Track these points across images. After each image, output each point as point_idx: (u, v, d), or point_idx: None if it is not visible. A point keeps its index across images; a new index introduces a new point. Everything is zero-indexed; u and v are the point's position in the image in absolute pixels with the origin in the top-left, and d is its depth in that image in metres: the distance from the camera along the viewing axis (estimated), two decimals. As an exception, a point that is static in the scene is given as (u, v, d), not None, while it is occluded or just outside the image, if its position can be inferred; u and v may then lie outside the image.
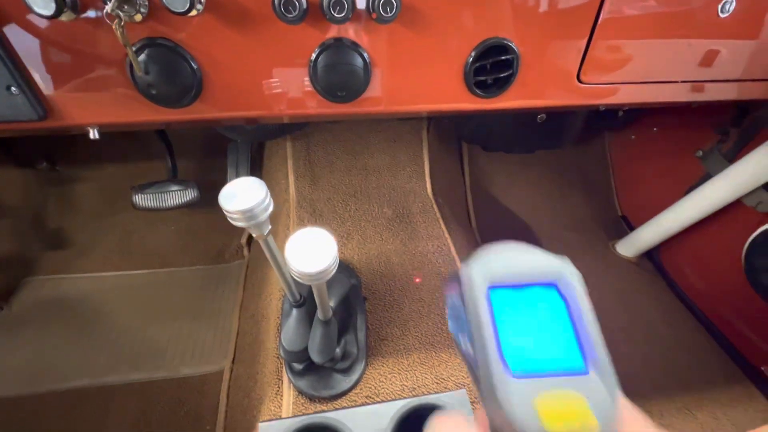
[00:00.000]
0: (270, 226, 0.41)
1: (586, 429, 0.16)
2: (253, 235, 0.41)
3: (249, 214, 0.37)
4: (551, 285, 0.19)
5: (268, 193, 0.38)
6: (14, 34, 0.43)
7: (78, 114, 0.50)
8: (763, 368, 0.91)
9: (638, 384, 0.88)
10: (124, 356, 0.82)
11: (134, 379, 0.78)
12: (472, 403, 0.53)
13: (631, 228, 1.21)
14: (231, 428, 0.72)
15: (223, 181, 1.00)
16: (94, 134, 0.53)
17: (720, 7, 0.56)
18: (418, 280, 0.76)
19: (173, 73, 0.48)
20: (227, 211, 0.37)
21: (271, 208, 0.39)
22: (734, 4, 0.56)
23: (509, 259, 0.19)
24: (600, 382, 0.17)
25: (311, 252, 0.34)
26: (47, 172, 0.96)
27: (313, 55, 0.50)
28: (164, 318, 0.88)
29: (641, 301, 1.05)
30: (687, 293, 1.08)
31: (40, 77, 0.46)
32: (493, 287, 0.19)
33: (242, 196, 0.37)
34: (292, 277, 0.40)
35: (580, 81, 0.60)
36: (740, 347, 0.95)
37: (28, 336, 0.83)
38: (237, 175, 0.95)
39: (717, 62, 0.64)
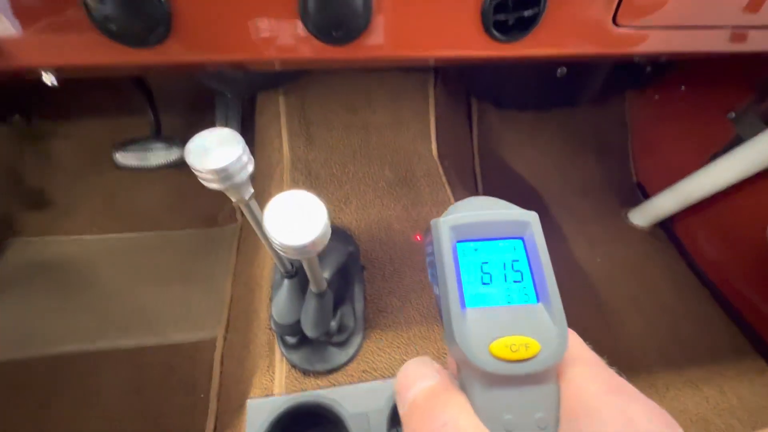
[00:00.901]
0: (252, 190, 0.35)
1: (530, 351, 0.18)
2: (232, 200, 0.35)
3: (224, 174, 0.31)
4: (517, 238, 0.21)
5: (246, 149, 0.32)
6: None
7: (27, 54, 0.42)
8: (773, 342, 0.89)
9: (645, 355, 0.86)
10: (113, 321, 0.79)
11: (124, 345, 0.76)
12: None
13: (646, 196, 1.15)
14: (225, 397, 0.70)
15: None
16: (51, 80, 0.46)
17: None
18: (418, 237, 0.71)
19: (134, 3, 0.40)
20: (197, 170, 0.31)
21: (251, 168, 0.33)
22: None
23: (477, 216, 0.20)
24: (546, 312, 0.19)
25: (297, 221, 0.28)
26: (21, 126, 0.88)
27: (304, -16, 0.41)
28: (154, 282, 0.85)
29: (652, 271, 1.01)
30: (701, 265, 1.03)
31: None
32: (460, 241, 0.20)
33: (215, 151, 0.31)
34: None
35: (616, 24, 0.51)
36: (752, 321, 0.92)
37: (13, 299, 0.80)
38: (226, 133, 0.88)
39: (766, 6, 0.55)
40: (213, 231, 0.94)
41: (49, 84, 0.46)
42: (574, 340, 0.20)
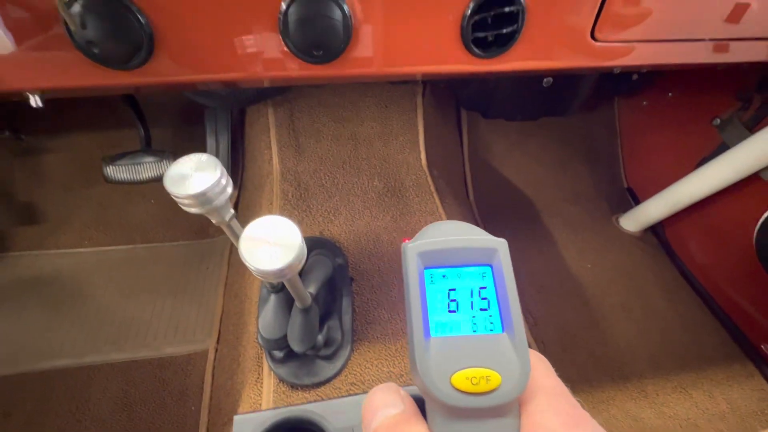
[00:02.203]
0: (232, 211, 0.36)
1: (491, 384, 0.18)
2: (213, 221, 0.36)
3: (203, 198, 0.32)
4: (486, 265, 0.20)
5: (224, 172, 0.33)
6: None
7: (11, 78, 0.43)
8: (762, 346, 0.89)
9: (635, 360, 0.87)
10: (105, 335, 0.79)
11: (116, 358, 0.76)
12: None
13: (637, 201, 1.16)
14: (216, 409, 0.71)
15: (202, 150, 0.93)
16: (36, 102, 0.46)
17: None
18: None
19: (116, 27, 0.40)
20: (177, 197, 0.31)
21: (229, 190, 0.34)
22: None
23: (446, 243, 0.20)
24: (509, 342, 0.19)
25: (272, 247, 0.29)
26: (11, 141, 0.89)
27: (283, 6, 0.42)
28: (146, 295, 0.85)
29: (643, 277, 1.01)
30: (691, 270, 1.04)
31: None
32: (428, 267, 0.20)
33: (193, 177, 0.32)
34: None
35: (594, 39, 0.52)
36: (741, 325, 0.93)
37: (5, 314, 0.80)
38: (217, 145, 0.88)
39: (746, 18, 0.56)
40: (204, 243, 0.94)
41: (35, 105, 0.47)
42: (540, 367, 0.20)
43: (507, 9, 0.46)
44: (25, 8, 0.39)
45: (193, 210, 0.33)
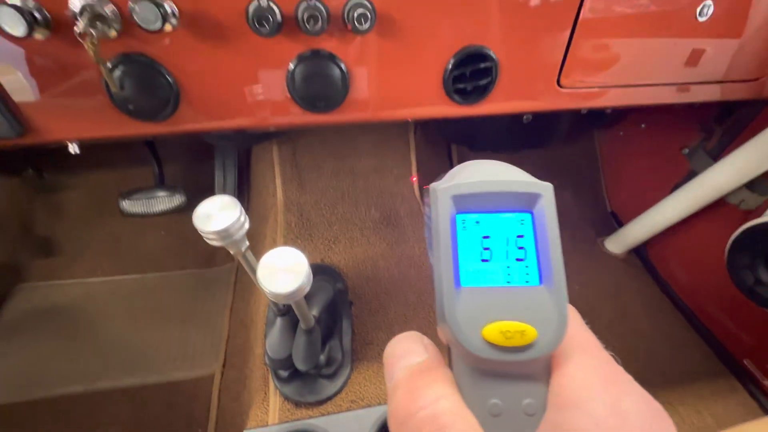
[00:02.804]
0: (247, 243, 0.42)
1: (525, 338, 0.17)
2: (231, 252, 0.41)
3: (225, 233, 0.38)
4: (526, 211, 0.19)
5: (243, 211, 0.39)
6: (-13, 53, 0.43)
7: (56, 130, 0.50)
8: (745, 361, 0.93)
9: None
10: (115, 361, 0.82)
11: (126, 384, 0.79)
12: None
13: (621, 224, 1.22)
14: (222, 431, 0.74)
15: (210, 185, 1.00)
16: (74, 149, 0.53)
17: (698, 10, 0.56)
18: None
19: (149, 87, 0.48)
20: (203, 232, 0.37)
21: (246, 226, 0.40)
22: (712, 8, 0.56)
23: (482, 185, 0.18)
24: (548, 295, 0.17)
25: (283, 273, 0.34)
26: (34, 179, 0.95)
27: (291, 66, 0.50)
28: (155, 322, 0.89)
29: (628, 297, 1.06)
30: (674, 289, 1.09)
31: (17, 95, 0.46)
32: (460, 212, 0.18)
33: (217, 215, 0.38)
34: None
35: (560, 86, 0.60)
36: (724, 341, 0.97)
37: (20, 344, 0.83)
38: (224, 180, 0.95)
39: (699, 65, 0.64)
40: (211, 271, 0.99)
41: (72, 152, 0.53)
42: (573, 320, 0.19)
43: (482, 65, 0.54)
44: (71, 74, 0.46)
45: (215, 243, 0.39)
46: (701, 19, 0.57)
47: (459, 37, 0.52)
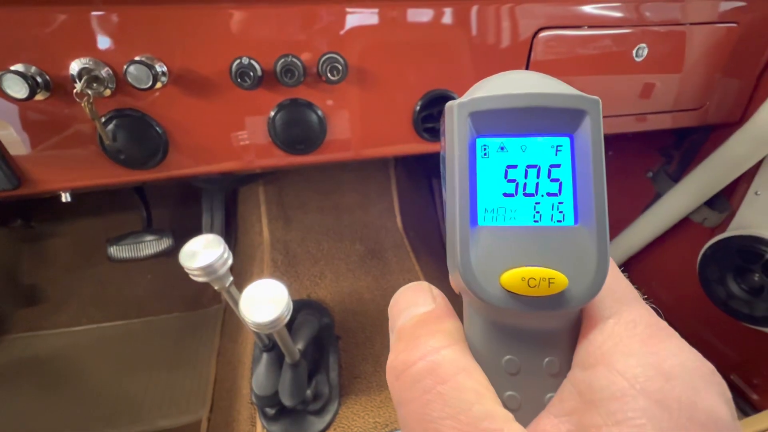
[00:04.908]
0: (231, 278, 0.44)
1: (553, 288, 0.14)
2: (215, 288, 0.43)
3: (209, 269, 0.40)
4: (564, 135, 0.15)
5: (226, 248, 0.41)
6: (-12, 113, 0.46)
7: (50, 180, 0.52)
8: (732, 377, 0.94)
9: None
10: (100, 412, 0.80)
11: (109, 435, 0.77)
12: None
13: (599, 247, 1.26)
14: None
15: (198, 227, 1.02)
16: (66, 197, 0.56)
17: (634, 52, 0.63)
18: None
19: (140, 138, 0.51)
20: (188, 269, 0.40)
21: (230, 262, 0.42)
22: (647, 50, 0.64)
23: (509, 100, 0.15)
24: (586, 237, 0.14)
25: (264, 303, 0.36)
26: (22, 229, 0.97)
27: (272, 114, 0.54)
28: (141, 369, 0.88)
29: (613, 318, 1.08)
30: (658, 308, 1.11)
31: (13, 148, 0.49)
32: (481, 135, 0.15)
33: (202, 253, 0.40)
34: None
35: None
36: (709, 357, 0.97)
37: (0, 398, 0.81)
38: (212, 221, 0.98)
39: (652, 97, 0.71)
40: (198, 313, 0.99)
41: (64, 200, 0.56)
42: (610, 266, 0.16)
43: (447, 106, 0.60)
44: (67, 129, 0.50)
45: (200, 279, 0.41)
46: (638, 60, 0.64)
47: (424, 82, 0.58)
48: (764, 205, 0.80)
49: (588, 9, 0.59)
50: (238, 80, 0.49)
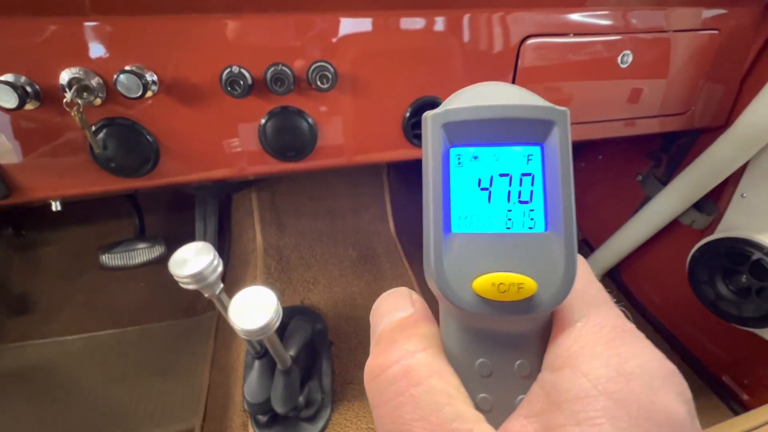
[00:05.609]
0: (221, 285, 0.44)
1: (522, 293, 0.15)
2: (206, 295, 0.44)
3: (199, 277, 0.40)
4: (534, 144, 0.16)
5: (216, 255, 0.42)
6: (-23, 123, 0.46)
7: (41, 189, 0.52)
8: (724, 378, 0.95)
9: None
10: (91, 423, 0.79)
11: (101, 446, 0.76)
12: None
13: (592, 250, 1.27)
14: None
15: (191, 234, 1.01)
16: (56, 206, 0.56)
17: (620, 59, 0.65)
18: None
19: (131, 147, 0.51)
20: (177, 277, 0.40)
21: (220, 269, 0.42)
22: (632, 56, 0.65)
23: (481, 111, 0.15)
24: (555, 244, 0.15)
25: (253, 310, 0.37)
26: (12, 237, 0.96)
27: (262, 121, 0.55)
28: (134, 378, 0.87)
29: (605, 320, 1.09)
30: (649, 309, 1.13)
31: (4, 159, 0.49)
32: (455, 145, 0.16)
33: (192, 260, 0.40)
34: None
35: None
36: (702, 359, 0.99)
37: (-11, 409, 0.80)
38: (205, 228, 0.97)
39: (640, 101, 0.72)
40: (192, 321, 0.98)
41: (54, 209, 0.56)
42: (581, 271, 0.16)
43: (436, 112, 0.60)
44: (57, 138, 0.50)
45: (190, 287, 0.41)
46: (623, 66, 0.65)
47: (413, 89, 0.58)
48: (750, 207, 0.81)
49: (573, 17, 0.60)
50: (229, 89, 0.49)
